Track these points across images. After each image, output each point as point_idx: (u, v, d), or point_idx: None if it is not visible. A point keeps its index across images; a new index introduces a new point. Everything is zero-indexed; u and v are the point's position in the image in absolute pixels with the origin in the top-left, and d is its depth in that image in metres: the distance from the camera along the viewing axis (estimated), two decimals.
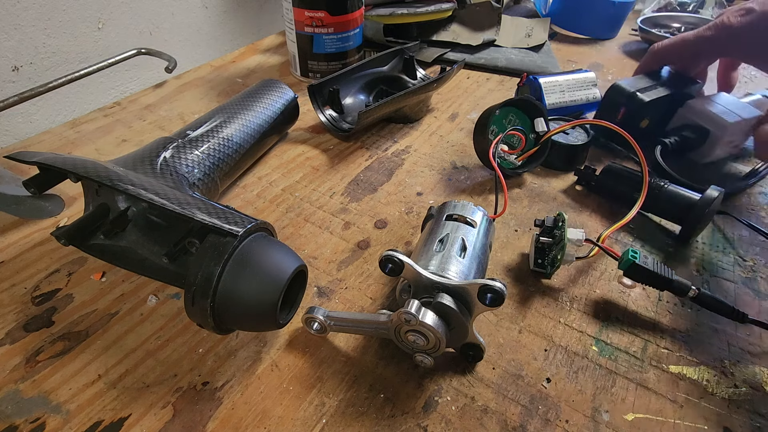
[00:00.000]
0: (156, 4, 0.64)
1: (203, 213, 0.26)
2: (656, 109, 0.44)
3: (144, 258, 0.31)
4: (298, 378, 0.27)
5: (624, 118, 0.44)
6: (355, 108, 0.51)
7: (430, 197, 0.41)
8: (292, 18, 0.55)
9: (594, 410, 0.26)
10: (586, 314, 0.31)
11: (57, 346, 0.28)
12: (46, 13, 0.53)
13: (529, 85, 0.51)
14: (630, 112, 0.44)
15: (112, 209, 0.31)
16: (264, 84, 0.45)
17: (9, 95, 0.43)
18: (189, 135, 0.35)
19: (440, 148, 0.47)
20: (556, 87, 0.50)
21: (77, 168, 0.27)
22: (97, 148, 0.46)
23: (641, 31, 0.70)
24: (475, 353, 0.27)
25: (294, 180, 0.43)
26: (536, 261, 0.33)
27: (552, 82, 0.50)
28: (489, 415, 0.25)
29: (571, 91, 0.50)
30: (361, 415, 0.25)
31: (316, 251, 0.35)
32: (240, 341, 0.29)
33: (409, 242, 0.36)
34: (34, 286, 0.32)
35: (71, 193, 0.40)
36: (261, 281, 0.24)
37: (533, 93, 0.50)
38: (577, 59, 0.68)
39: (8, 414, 0.25)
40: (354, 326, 0.28)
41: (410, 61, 0.53)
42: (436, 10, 0.63)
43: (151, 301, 0.31)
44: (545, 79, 0.50)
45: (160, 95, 0.55)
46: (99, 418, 0.25)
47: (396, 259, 0.25)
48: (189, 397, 0.26)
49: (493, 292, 0.24)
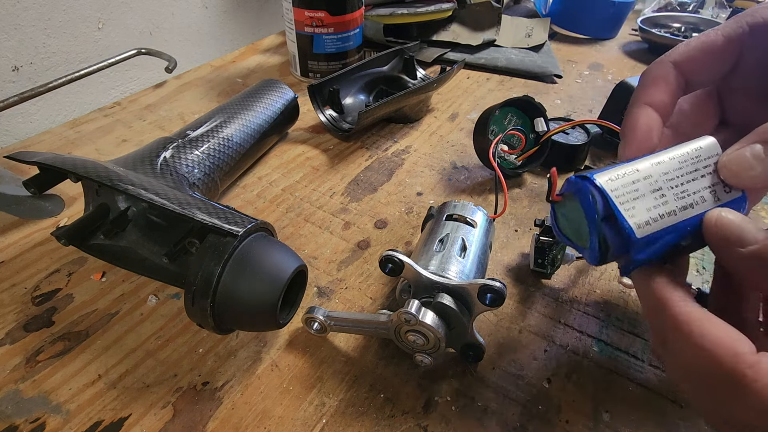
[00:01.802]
0: (156, 4, 0.64)
1: (203, 213, 0.26)
2: None
3: (144, 258, 0.31)
4: (298, 378, 0.27)
5: None
6: (355, 108, 0.51)
7: (430, 197, 0.41)
8: (292, 18, 0.55)
9: (594, 410, 0.26)
10: (586, 314, 0.31)
11: (57, 346, 0.28)
12: (46, 13, 0.53)
13: (575, 195, 0.22)
14: None
15: (112, 209, 0.31)
16: (264, 84, 0.45)
17: (9, 95, 0.43)
18: (189, 135, 0.35)
19: (440, 148, 0.47)
20: (643, 187, 0.21)
21: (77, 168, 0.27)
22: (97, 148, 0.46)
23: (641, 31, 0.70)
24: (475, 353, 0.27)
25: (294, 180, 0.43)
26: (536, 261, 0.33)
27: (628, 177, 0.20)
28: (489, 415, 0.25)
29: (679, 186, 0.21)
30: (361, 415, 0.25)
31: (316, 251, 0.35)
32: (240, 341, 0.29)
33: (409, 242, 0.36)
34: (34, 286, 0.32)
35: (71, 193, 0.40)
36: (261, 281, 0.24)
37: (588, 208, 0.21)
38: (577, 59, 0.68)
39: (8, 414, 0.25)
40: (354, 326, 0.28)
41: (410, 61, 0.53)
42: (436, 10, 0.63)
43: (151, 301, 0.31)
44: (610, 176, 0.20)
45: (160, 95, 0.55)
46: (99, 418, 0.25)
47: (396, 259, 0.25)
48: (189, 397, 0.26)
49: (493, 292, 0.24)
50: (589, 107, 0.55)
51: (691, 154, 0.21)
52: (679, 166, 0.20)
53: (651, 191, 0.20)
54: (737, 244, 0.19)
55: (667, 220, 0.20)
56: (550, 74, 0.61)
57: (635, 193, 0.20)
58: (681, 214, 0.20)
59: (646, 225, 0.20)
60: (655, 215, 0.20)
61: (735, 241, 0.19)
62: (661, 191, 0.20)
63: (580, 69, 0.65)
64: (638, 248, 0.20)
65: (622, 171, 0.20)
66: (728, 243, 0.19)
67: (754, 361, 0.17)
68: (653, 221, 0.20)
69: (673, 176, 0.20)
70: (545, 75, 0.61)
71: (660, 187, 0.20)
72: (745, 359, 0.17)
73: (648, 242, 0.20)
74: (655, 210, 0.20)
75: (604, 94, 0.50)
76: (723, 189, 0.20)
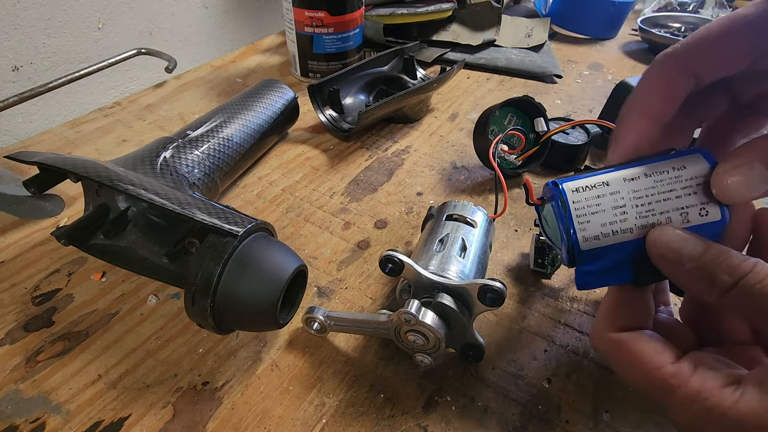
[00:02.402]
0: (156, 4, 0.64)
1: (203, 213, 0.26)
2: None
3: (144, 258, 0.31)
4: (298, 378, 0.27)
5: None
6: (355, 108, 0.51)
7: (430, 197, 0.41)
8: (292, 18, 0.55)
9: (594, 410, 0.26)
10: (586, 314, 0.31)
11: (57, 346, 0.28)
12: (46, 13, 0.53)
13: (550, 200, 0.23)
14: None
15: (112, 209, 0.31)
16: (264, 84, 0.45)
17: (9, 95, 0.43)
18: (189, 135, 0.35)
19: (440, 148, 0.47)
20: (606, 202, 0.21)
21: (77, 168, 0.27)
22: (97, 148, 0.46)
23: (641, 31, 0.70)
24: (475, 353, 0.27)
25: (294, 180, 0.43)
26: (536, 261, 0.33)
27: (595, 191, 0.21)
28: (489, 415, 0.25)
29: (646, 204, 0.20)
30: (361, 415, 0.25)
31: (316, 251, 0.35)
32: (240, 341, 0.29)
33: (409, 242, 0.36)
34: (34, 286, 0.32)
35: (71, 193, 0.40)
36: (261, 281, 0.24)
37: (558, 213, 0.22)
38: (577, 59, 0.68)
39: (8, 414, 0.25)
40: (354, 326, 0.28)
41: (410, 61, 0.53)
42: (436, 10, 0.63)
43: (151, 301, 0.31)
44: (578, 185, 0.21)
45: (160, 95, 0.55)
46: (99, 418, 0.25)
47: (396, 259, 0.25)
48: (189, 397, 0.26)
49: (493, 292, 0.24)
50: (589, 107, 0.55)
51: (671, 174, 0.20)
52: (652, 185, 0.20)
53: (612, 207, 0.20)
54: (677, 263, 0.19)
55: (620, 236, 0.20)
56: (550, 74, 0.61)
57: (596, 207, 0.20)
58: (638, 232, 0.20)
59: (594, 239, 0.20)
60: (607, 231, 0.20)
61: (674, 260, 0.19)
62: (623, 208, 0.20)
63: (580, 69, 0.65)
64: (583, 259, 0.21)
65: (593, 182, 0.21)
66: (667, 262, 0.19)
67: (674, 371, 0.18)
68: (603, 236, 0.20)
69: (643, 194, 0.20)
70: (545, 75, 0.61)
71: (623, 204, 0.20)
72: (666, 370, 0.18)
73: (594, 256, 0.21)
74: (610, 226, 0.20)
75: (604, 94, 0.50)
76: (699, 211, 0.20)
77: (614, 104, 0.46)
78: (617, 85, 0.45)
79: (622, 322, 0.21)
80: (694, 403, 0.17)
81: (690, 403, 0.17)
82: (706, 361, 0.18)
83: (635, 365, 0.19)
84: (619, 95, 0.45)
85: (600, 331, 0.21)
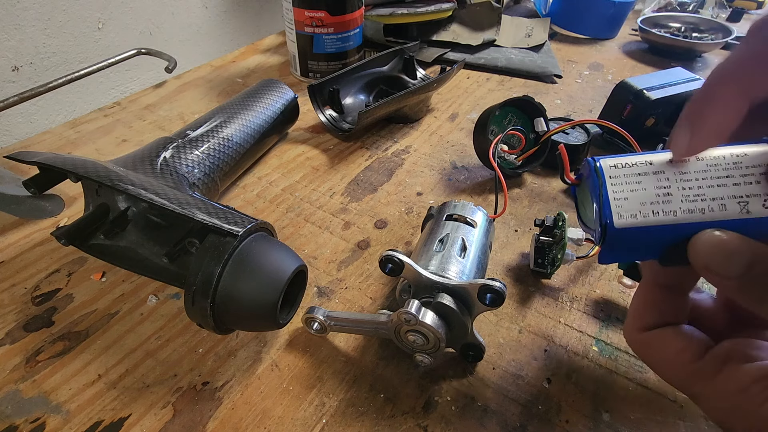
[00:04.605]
0: (156, 4, 0.64)
1: (203, 213, 0.26)
2: (663, 108, 0.44)
3: (144, 258, 0.31)
4: (298, 378, 0.27)
5: (630, 115, 0.44)
6: (355, 108, 0.51)
7: (430, 197, 0.41)
8: (292, 18, 0.55)
9: (594, 410, 0.26)
10: (586, 314, 0.31)
11: (57, 346, 0.28)
12: (46, 13, 0.53)
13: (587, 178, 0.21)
14: (636, 110, 0.44)
15: (112, 209, 0.31)
16: (264, 84, 0.45)
17: (9, 95, 0.43)
18: (189, 135, 0.35)
19: (440, 148, 0.47)
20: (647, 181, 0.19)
21: (77, 168, 0.27)
22: (97, 148, 0.46)
23: (641, 31, 0.70)
24: (475, 353, 0.27)
25: (294, 180, 0.43)
26: (536, 261, 0.33)
27: (636, 169, 0.20)
28: (489, 415, 0.25)
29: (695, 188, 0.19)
30: (361, 415, 0.25)
31: (316, 251, 0.35)
32: (240, 341, 0.29)
33: (409, 242, 0.36)
34: (34, 286, 0.32)
35: (71, 193, 0.40)
36: (261, 281, 0.24)
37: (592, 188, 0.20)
38: (577, 59, 0.68)
39: (8, 414, 0.25)
40: (354, 326, 0.28)
41: (410, 61, 0.53)
42: (436, 10, 0.63)
43: (151, 301, 0.31)
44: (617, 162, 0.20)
45: (160, 95, 0.55)
46: (99, 418, 0.25)
47: (396, 259, 0.25)
48: (189, 397, 0.26)
49: (493, 292, 0.24)
50: (589, 107, 0.55)
51: (729, 159, 0.18)
52: (705, 169, 0.18)
53: (656, 187, 0.19)
54: (721, 273, 0.17)
55: (661, 218, 0.18)
56: (550, 74, 0.61)
57: (636, 185, 0.19)
58: (682, 216, 0.18)
59: (631, 217, 0.19)
60: (647, 211, 0.19)
61: (722, 273, 0.17)
62: (668, 189, 0.19)
63: (580, 69, 0.65)
64: (614, 237, 0.19)
65: (635, 160, 0.19)
66: (713, 276, 0.17)
67: (699, 369, 0.19)
68: (642, 216, 0.19)
69: (692, 177, 0.18)
70: (545, 75, 0.61)
71: (668, 185, 0.19)
72: (691, 368, 0.19)
73: (627, 235, 0.19)
74: (651, 206, 0.19)
75: (604, 94, 0.50)
76: (763, 202, 0.17)
77: (614, 104, 0.46)
78: (617, 85, 0.45)
79: (651, 320, 0.21)
80: (721, 401, 0.17)
81: (717, 401, 0.18)
82: (736, 352, 0.18)
83: (662, 364, 0.20)
84: (619, 95, 0.45)
85: (630, 330, 0.22)
